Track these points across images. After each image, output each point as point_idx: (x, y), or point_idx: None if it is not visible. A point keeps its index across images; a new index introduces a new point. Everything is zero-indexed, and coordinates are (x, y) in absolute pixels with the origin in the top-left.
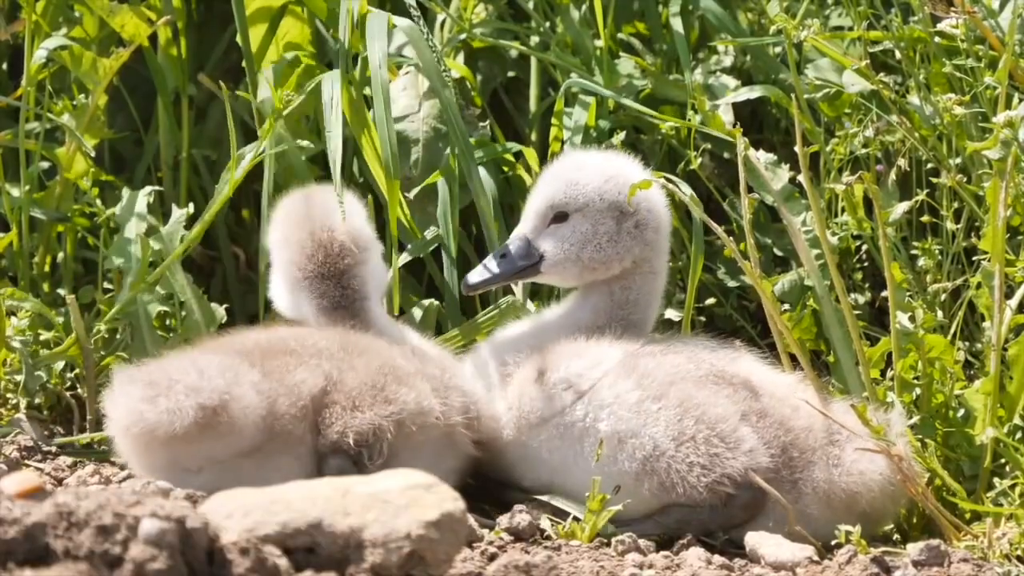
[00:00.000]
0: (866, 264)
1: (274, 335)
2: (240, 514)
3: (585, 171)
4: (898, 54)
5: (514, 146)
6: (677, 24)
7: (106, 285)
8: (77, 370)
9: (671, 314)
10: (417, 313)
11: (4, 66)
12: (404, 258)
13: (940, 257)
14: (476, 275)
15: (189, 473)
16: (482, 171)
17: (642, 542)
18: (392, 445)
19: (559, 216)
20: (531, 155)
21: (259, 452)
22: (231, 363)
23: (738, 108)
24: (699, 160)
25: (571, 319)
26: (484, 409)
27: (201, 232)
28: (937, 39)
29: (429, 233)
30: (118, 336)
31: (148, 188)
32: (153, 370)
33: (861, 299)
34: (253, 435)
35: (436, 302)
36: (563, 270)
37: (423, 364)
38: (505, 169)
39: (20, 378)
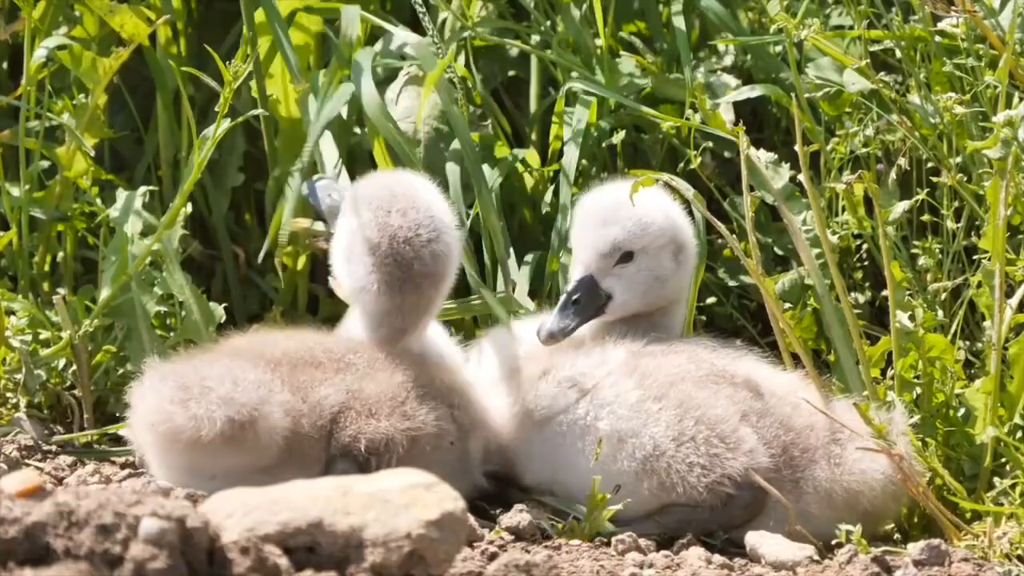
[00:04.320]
0: (866, 263)
1: (302, 343)
2: (240, 513)
3: (644, 208)
4: (898, 53)
5: (519, 152)
6: (678, 23)
7: None
8: (75, 368)
9: None
10: None
11: (4, 66)
12: None
13: (940, 256)
14: (554, 324)
15: (201, 479)
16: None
17: (642, 541)
18: (402, 460)
19: (625, 256)
20: (531, 155)
21: (275, 467)
22: (265, 379)
23: (739, 107)
24: (699, 159)
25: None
26: (503, 443)
27: (174, 217)
28: (937, 38)
29: None
30: (114, 334)
31: (143, 188)
32: (187, 371)
33: (861, 298)
34: (274, 454)
35: None
36: (626, 308)
37: (448, 395)
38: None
39: (20, 377)
